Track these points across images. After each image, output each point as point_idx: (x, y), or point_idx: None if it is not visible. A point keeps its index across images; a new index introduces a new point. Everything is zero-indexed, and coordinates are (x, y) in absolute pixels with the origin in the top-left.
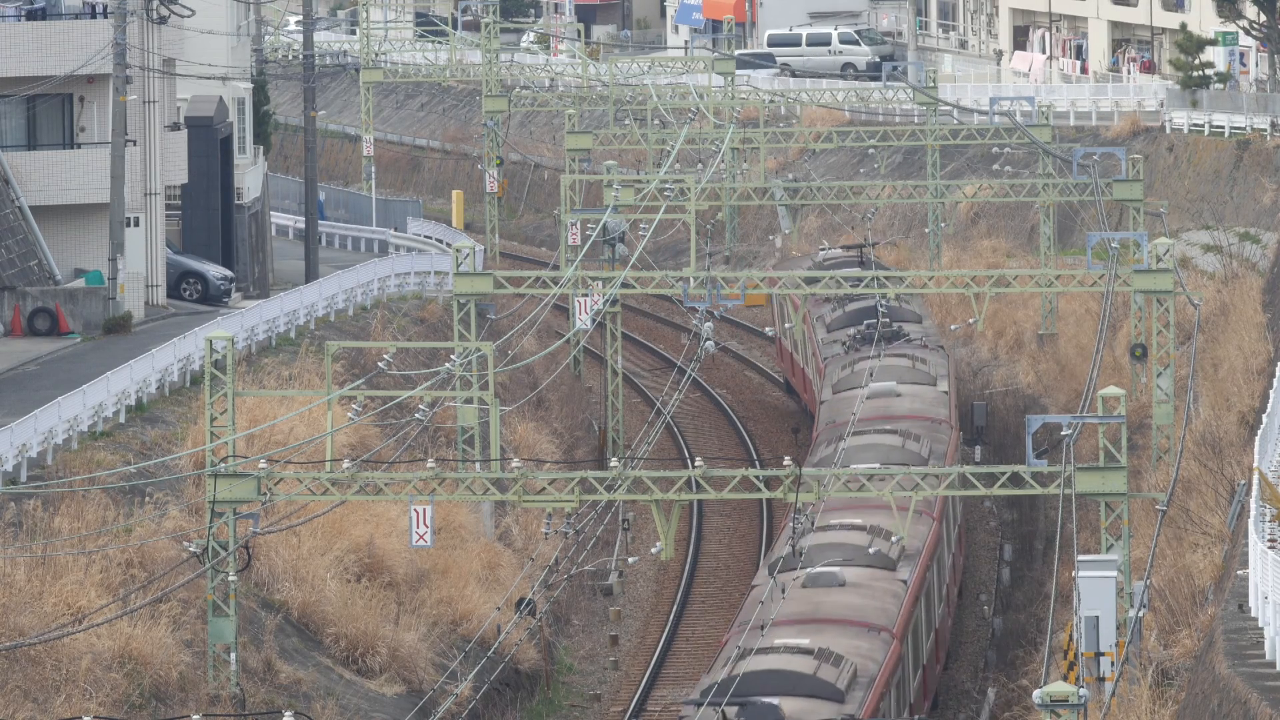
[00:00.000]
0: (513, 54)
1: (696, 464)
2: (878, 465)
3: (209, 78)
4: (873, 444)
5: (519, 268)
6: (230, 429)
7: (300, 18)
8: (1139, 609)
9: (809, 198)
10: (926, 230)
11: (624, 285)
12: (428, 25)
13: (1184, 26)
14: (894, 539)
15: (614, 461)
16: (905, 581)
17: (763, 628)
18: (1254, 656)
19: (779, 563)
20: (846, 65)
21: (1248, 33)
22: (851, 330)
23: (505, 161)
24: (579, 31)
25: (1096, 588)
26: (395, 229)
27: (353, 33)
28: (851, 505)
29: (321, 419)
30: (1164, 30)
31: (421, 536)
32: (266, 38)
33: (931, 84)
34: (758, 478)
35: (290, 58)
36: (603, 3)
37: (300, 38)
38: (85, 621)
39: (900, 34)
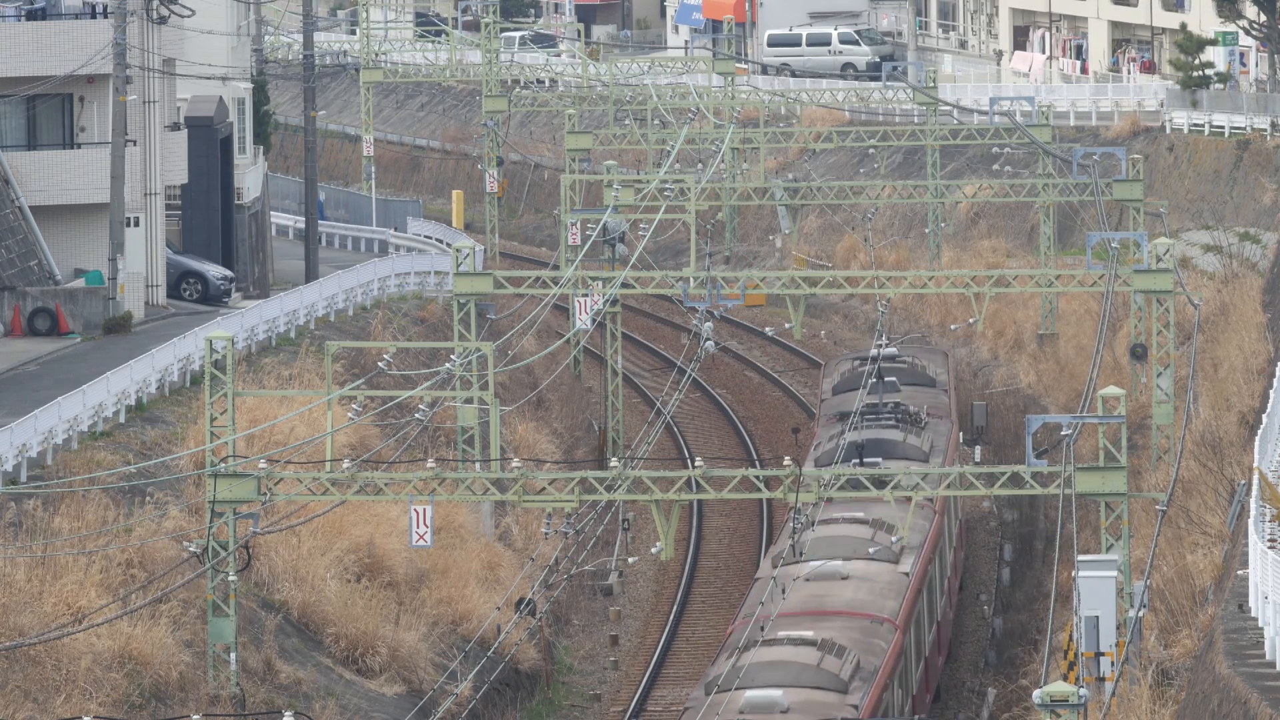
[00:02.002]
0: (513, 54)
1: (696, 464)
2: (778, 693)
3: (209, 78)
4: (780, 660)
5: (519, 268)
6: (230, 429)
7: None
8: (1139, 609)
9: (809, 198)
10: (926, 230)
11: (624, 285)
12: (428, 25)
13: (1184, 26)
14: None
15: (614, 461)
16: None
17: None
18: (1254, 656)
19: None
20: (846, 65)
21: (1248, 33)
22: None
23: (505, 161)
24: (579, 31)
25: (1096, 588)
26: (395, 229)
27: (353, 33)
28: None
29: (321, 419)
30: (1164, 30)
31: (421, 536)
32: (266, 38)
33: (931, 84)
34: (758, 478)
35: (290, 58)
36: (603, 3)
37: (299, 38)
38: (85, 621)
39: (900, 34)
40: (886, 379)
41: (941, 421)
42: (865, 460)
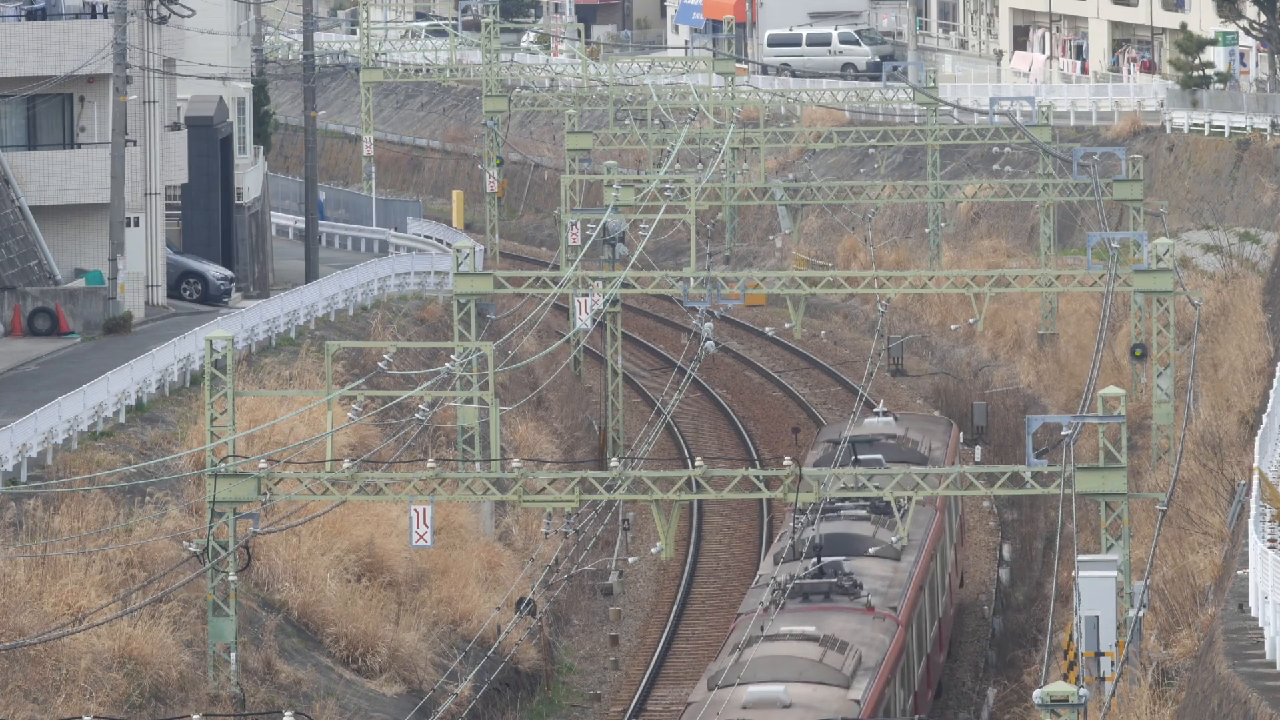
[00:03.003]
0: (513, 54)
1: (696, 464)
2: None
3: (209, 78)
4: None
5: (519, 268)
6: (230, 429)
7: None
8: (1139, 609)
9: (809, 198)
10: (926, 230)
11: (624, 285)
12: (427, 25)
13: (1184, 26)
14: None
15: (614, 461)
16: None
17: None
18: (1254, 656)
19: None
20: (846, 65)
21: (1248, 33)
22: (784, 573)
23: (505, 161)
24: (579, 31)
25: (1096, 588)
26: (395, 229)
27: (353, 33)
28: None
29: (321, 419)
30: (1164, 30)
31: (421, 536)
32: (266, 38)
33: (931, 84)
34: (758, 478)
35: (290, 58)
36: (603, 3)
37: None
38: (85, 621)
39: (900, 34)
40: (870, 456)
41: (924, 508)
42: (824, 562)
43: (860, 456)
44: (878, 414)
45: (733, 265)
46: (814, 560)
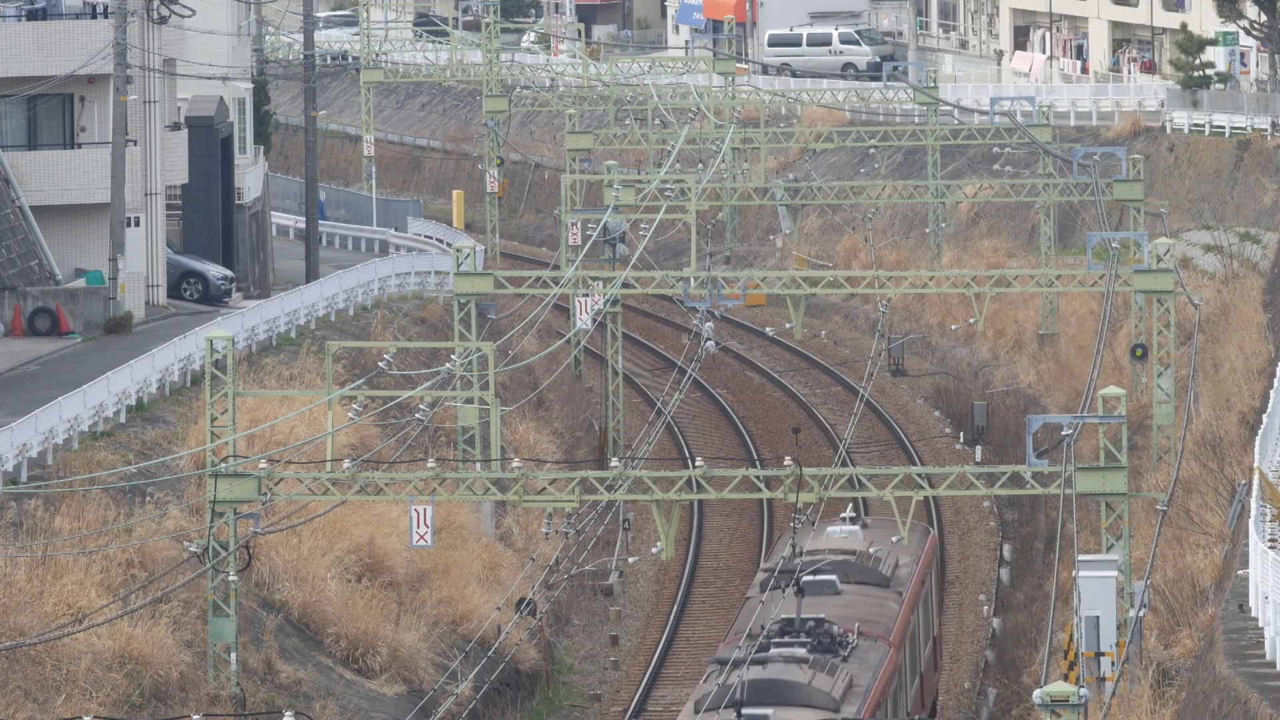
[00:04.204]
0: (513, 54)
1: (696, 464)
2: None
3: (209, 78)
4: None
5: (519, 268)
6: (231, 429)
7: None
8: (1139, 609)
9: (809, 198)
10: (927, 230)
11: (624, 285)
12: (428, 25)
13: (1184, 26)
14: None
15: (614, 461)
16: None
17: None
18: (1254, 656)
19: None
20: (847, 65)
21: (1248, 33)
22: None
23: (505, 161)
24: (579, 31)
25: (1096, 588)
26: (395, 229)
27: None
28: None
29: (322, 419)
30: (1164, 30)
31: (422, 536)
32: (266, 38)
33: (932, 84)
34: (758, 478)
35: (290, 58)
36: (603, 3)
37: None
38: (85, 621)
39: (901, 34)
40: (823, 577)
41: (876, 645)
42: (745, 716)
43: (808, 578)
44: (844, 520)
45: (733, 265)
46: (734, 714)
